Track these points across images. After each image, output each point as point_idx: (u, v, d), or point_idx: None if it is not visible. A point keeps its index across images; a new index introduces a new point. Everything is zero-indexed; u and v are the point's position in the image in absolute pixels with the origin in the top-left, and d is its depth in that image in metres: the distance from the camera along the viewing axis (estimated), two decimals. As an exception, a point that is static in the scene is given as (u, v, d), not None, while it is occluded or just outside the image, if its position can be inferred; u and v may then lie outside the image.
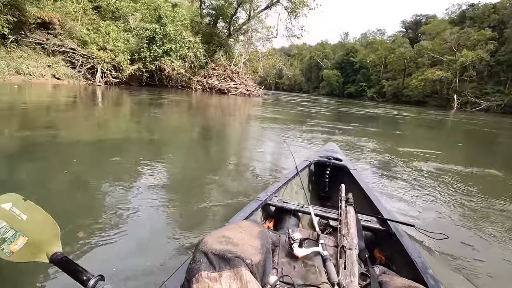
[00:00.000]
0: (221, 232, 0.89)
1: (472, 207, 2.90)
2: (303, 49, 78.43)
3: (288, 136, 6.21)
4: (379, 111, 20.29)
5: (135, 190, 2.53)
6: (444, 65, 46.50)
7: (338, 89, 62.51)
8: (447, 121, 17.71)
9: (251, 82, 23.66)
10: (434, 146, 6.93)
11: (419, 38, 59.27)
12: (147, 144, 4.49)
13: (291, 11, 24.88)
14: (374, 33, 68.85)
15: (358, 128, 9.18)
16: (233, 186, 2.89)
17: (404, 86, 51.28)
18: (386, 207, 1.73)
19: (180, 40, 19.11)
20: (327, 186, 2.44)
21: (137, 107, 9.73)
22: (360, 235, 1.27)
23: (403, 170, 4.12)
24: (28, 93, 9.93)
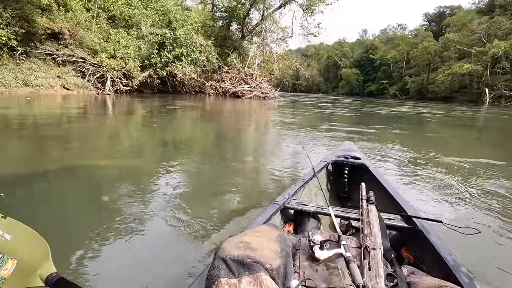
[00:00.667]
0: (239, 238, 0.88)
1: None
2: (320, 48, 76.10)
3: (305, 142, 5.33)
4: (404, 109, 18.35)
5: (153, 197, 2.48)
6: (472, 58, 43.33)
7: (358, 88, 59.86)
8: (483, 117, 15.54)
9: (266, 84, 22.39)
10: (486, 153, 5.37)
11: (444, 31, 55.97)
12: (161, 153, 4.32)
13: (306, 8, 23.42)
14: (394, 28, 65.59)
15: (382, 131, 7.69)
16: (251, 192, 2.76)
17: (429, 82, 48.27)
18: (410, 204, 1.63)
19: (191, 44, 18.23)
20: (347, 186, 2.33)
21: (145, 116, 8.82)
22: (384, 234, 1.20)
23: (465, 197, 2.74)
24: (36, 105, 9.29)
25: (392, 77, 54.89)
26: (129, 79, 16.34)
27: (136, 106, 11.58)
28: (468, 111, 20.30)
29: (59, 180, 2.86)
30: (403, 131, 7.98)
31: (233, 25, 25.79)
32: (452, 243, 1.45)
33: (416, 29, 58.59)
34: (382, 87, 54.95)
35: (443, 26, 56.90)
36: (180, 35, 17.34)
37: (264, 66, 24.85)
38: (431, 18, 59.72)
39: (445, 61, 47.15)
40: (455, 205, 2.60)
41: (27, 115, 7.15)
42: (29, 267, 0.89)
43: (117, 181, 2.87)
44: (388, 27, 66.93)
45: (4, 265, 0.88)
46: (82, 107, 9.72)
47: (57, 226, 1.92)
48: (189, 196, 2.59)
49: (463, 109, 22.56)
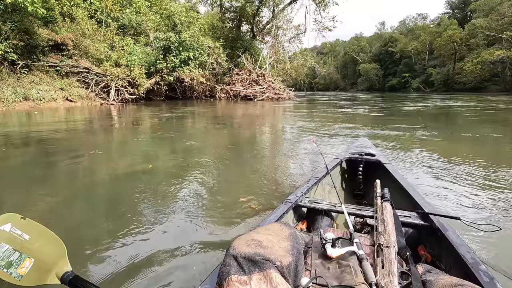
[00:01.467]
0: (250, 236, 0.87)
1: None
2: (336, 45, 72.96)
3: (320, 146, 4.54)
4: (431, 104, 15.99)
5: (171, 199, 2.47)
6: (503, 43, 39.65)
7: (378, 83, 56.48)
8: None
9: (280, 85, 20.71)
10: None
11: (469, 18, 51.85)
12: (172, 160, 3.99)
13: (319, 2, 21.55)
14: (414, 18, 61.16)
15: (410, 134, 5.78)
16: (264, 190, 2.64)
17: (456, 72, 44.73)
18: (427, 201, 1.55)
19: (199, 47, 17.00)
20: (361, 183, 2.23)
21: (146, 126, 7.67)
22: (400, 232, 1.16)
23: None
24: (30, 121, 8.32)
25: (415, 70, 51.34)
26: (135, 87, 15.36)
27: (136, 115, 10.43)
28: (505, 101, 17.62)
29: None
30: (433, 132, 6.06)
31: (243, 26, 24.44)
32: (471, 241, 1.56)
33: (440, 17, 54.38)
34: (404, 80, 51.45)
35: (467, 12, 52.92)
36: (186, 38, 16.15)
37: (277, 65, 23.18)
38: (455, 5, 55.47)
39: (472, 49, 43.69)
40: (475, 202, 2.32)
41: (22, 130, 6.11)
42: (46, 266, 0.91)
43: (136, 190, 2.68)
44: (408, 18, 62.68)
45: (22, 263, 0.92)
46: (76, 120, 8.66)
47: (78, 228, 1.97)
48: (204, 197, 2.53)
49: (497, 99, 19.75)
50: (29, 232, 0.99)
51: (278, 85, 20.30)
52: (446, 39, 45.31)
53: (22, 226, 1.00)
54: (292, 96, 21.33)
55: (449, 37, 45.16)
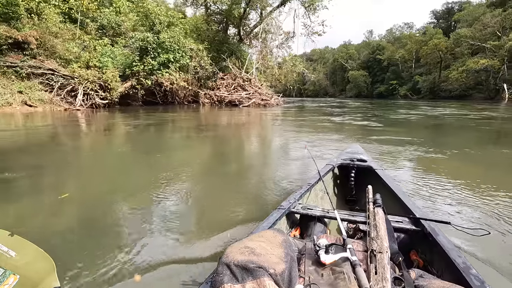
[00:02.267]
0: (243, 243, 0.85)
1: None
2: (326, 52, 72.37)
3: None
4: (422, 112, 14.86)
5: (156, 211, 2.25)
6: (487, 53, 39.98)
7: (367, 90, 55.96)
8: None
9: (267, 90, 19.29)
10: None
11: (453, 27, 52.37)
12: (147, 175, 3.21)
13: (308, 5, 20.37)
14: (401, 27, 61.10)
15: (421, 149, 4.37)
16: (255, 198, 2.50)
17: (442, 80, 44.86)
18: (418, 206, 1.53)
19: (180, 49, 15.46)
20: (354, 189, 2.20)
21: (109, 136, 6.19)
22: (392, 237, 1.15)
23: None
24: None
25: (402, 77, 51.13)
26: (107, 91, 13.66)
27: (102, 123, 8.80)
28: (492, 108, 16.75)
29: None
30: (430, 147, 4.69)
31: (231, 29, 23.06)
32: (461, 245, 1.56)
33: (425, 26, 54.54)
34: (392, 88, 51.10)
35: (451, 22, 53.45)
36: (165, 39, 14.59)
37: (265, 71, 21.79)
38: (439, 15, 55.87)
39: (457, 58, 43.98)
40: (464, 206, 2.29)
41: None
42: (31, 282, 0.90)
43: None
44: (394, 27, 62.69)
45: (6, 280, 0.90)
46: (27, 128, 6.95)
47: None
48: (195, 206, 2.39)
49: (486, 106, 18.95)
50: (16, 249, 0.94)
51: (265, 90, 18.87)
52: (432, 47, 45.34)
53: (9, 242, 0.96)
54: (280, 102, 19.94)
55: (435, 45, 45.20)
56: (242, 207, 2.33)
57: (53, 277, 0.92)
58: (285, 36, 22.98)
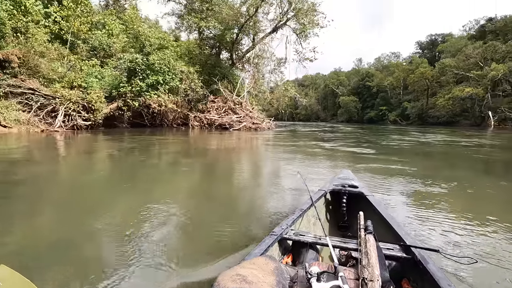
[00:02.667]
0: (234, 270, 0.84)
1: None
2: (317, 78, 73.98)
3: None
4: (415, 138, 14.51)
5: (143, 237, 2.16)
6: (471, 81, 41.47)
7: (357, 115, 56.63)
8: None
9: (258, 114, 18.87)
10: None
11: (437, 58, 54.56)
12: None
13: (299, 33, 20.60)
14: (388, 56, 63.45)
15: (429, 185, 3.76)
16: (248, 225, 2.44)
17: (429, 107, 45.91)
18: (408, 233, 1.53)
19: (170, 71, 15.07)
20: (345, 215, 2.17)
21: (83, 161, 5.61)
22: (383, 265, 1.14)
23: None
24: None
25: (391, 103, 52.07)
26: (90, 112, 12.95)
27: (79, 146, 8.00)
28: (481, 136, 16.65)
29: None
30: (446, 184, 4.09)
31: (224, 54, 23.09)
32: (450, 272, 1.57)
33: (411, 56, 56.66)
34: (382, 113, 51.83)
35: (436, 52, 55.71)
36: (154, 61, 14.20)
37: (257, 94, 21.55)
38: (424, 46, 58.28)
39: (443, 86, 45.37)
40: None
41: None
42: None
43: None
44: (382, 56, 65.07)
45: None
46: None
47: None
48: (187, 232, 2.33)
49: (472, 133, 18.91)
50: (2, 279, 0.93)
51: (257, 114, 18.44)
52: (419, 75, 46.71)
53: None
54: (272, 126, 19.48)
55: (421, 74, 46.59)
56: (232, 235, 2.24)
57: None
58: (277, 62, 23.10)
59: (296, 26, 20.55)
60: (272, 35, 21.00)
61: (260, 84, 22.61)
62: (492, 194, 3.85)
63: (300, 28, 20.25)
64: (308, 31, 20.34)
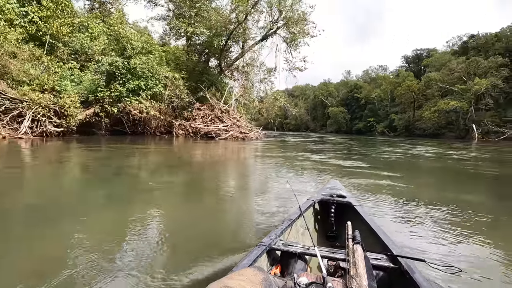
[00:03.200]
0: (222, 282, 0.82)
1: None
2: (307, 89, 74.24)
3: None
4: (405, 150, 13.96)
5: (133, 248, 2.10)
6: (455, 95, 42.28)
7: (346, 126, 56.68)
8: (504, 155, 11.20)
9: (246, 123, 18.02)
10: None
11: (423, 71, 55.71)
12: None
13: (290, 41, 20.11)
14: (376, 69, 64.34)
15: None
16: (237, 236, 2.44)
17: (416, 119, 46.46)
18: (395, 243, 1.54)
19: (153, 76, 14.13)
20: (334, 225, 2.14)
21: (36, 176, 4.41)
22: (370, 275, 1.11)
23: None
24: None
25: (379, 115, 52.41)
26: (63, 117, 11.80)
27: (40, 156, 6.89)
28: (468, 148, 16.24)
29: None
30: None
31: (213, 61, 22.34)
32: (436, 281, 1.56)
33: (398, 69, 57.54)
34: (370, 124, 52.02)
35: (421, 66, 56.80)
36: (136, 65, 13.25)
37: (245, 103, 20.76)
38: (410, 60, 59.37)
39: (429, 99, 46.08)
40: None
41: None
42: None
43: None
44: (370, 68, 65.95)
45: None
46: None
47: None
48: (174, 244, 2.24)
49: (458, 146, 18.70)
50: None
51: (244, 123, 17.58)
52: (406, 88, 47.30)
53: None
54: (260, 136, 18.65)
55: (408, 87, 47.21)
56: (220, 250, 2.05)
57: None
58: (267, 70, 22.50)
59: (287, 35, 20.06)
60: (262, 43, 20.44)
61: (249, 92, 21.89)
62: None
63: (290, 37, 19.76)
64: (298, 40, 19.86)
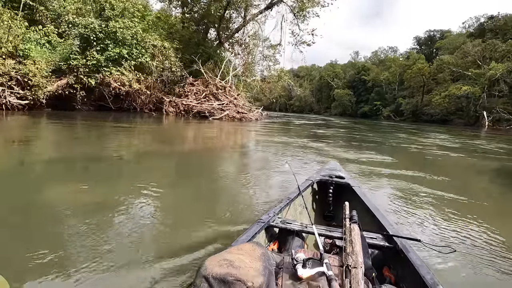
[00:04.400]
0: (221, 255, 0.82)
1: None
2: (312, 70, 70.26)
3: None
4: (420, 138, 11.83)
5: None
6: (467, 80, 39.46)
7: (351, 109, 53.81)
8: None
9: (244, 101, 15.77)
10: None
11: (435, 54, 52.06)
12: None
13: (298, 11, 17.33)
14: (385, 51, 60.07)
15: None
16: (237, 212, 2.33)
17: (424, 104, 43.77)
18: (391, 223, 1.52)
19: (138, 44, 11.85)
20: (331, 205, 2.16)
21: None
22: (366, 253, 1.12)
23: None
24: None
25: (385, 99, 49.50)
26: (27, 88, 9.76)
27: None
28: (484, 137, 14.41)
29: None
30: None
31: (212, 33, 19.71)
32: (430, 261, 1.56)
33: (409, 51, 53.64)
34: (376, 108, 49.28)
35: (433, 49, 53.12)
36: (116, 29, 10.93)
37: (246, 80, 18.34)
38: (422, 42, 55.37)
39: (439, 83, 43.10)
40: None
41: None
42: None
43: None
44: (379, 50, 61.57)
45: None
46: None
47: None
48: (174, 219, 2.19)
49: (471, 134, 16.61)
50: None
51: (243, 101, 15.34)
52: (416, 71, 44.22)
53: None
54: (260, 117, 16.49)
55: (419, 69, 44.12)
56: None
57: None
58: (271, 47, 19.83)
59: (294, 3, 17.25)
60: (266, 12, 17.67)
61: (251, 68, 19.44)
62: None
63: (298, 6, 16.96)
64: (307, 10, 17.08)
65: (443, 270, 1.61)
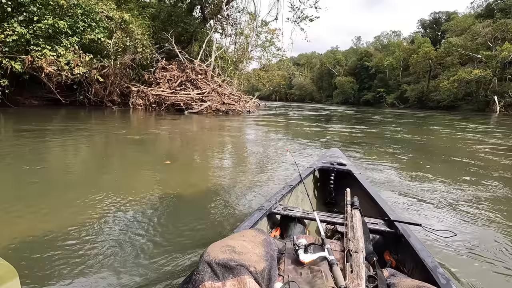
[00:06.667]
0: (224, 242, 0.81)
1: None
2: (313, 57, 65.24)
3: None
4: (427, 127, 8.35)
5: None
6: (476, 63, 35.31)
7: (354, 97, 49.61)
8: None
9: (231, 89, 12.09)
10: None
11: (441, 37, 47.40)
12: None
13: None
14: (388, 35, 54.90)
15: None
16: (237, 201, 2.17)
17: (430, 90, 39.71)
18: (392, 209, 1.49)
19: (87, 16, 8.31)
20: (333, 192, 2.10)
21: None
22: (368, 238, 1.10)
23: None
24: None
25: (389, 85, 45.29)
26: None
27: None
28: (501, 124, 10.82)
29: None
30: None
31: (198, 12, 15.86)
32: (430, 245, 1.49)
33: (415, 34, 48.75)
34: (379, 95, 45.17)
35: (439, 32, 48.33)
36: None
37: (235, 62, 14.58)
38: (427, 24, 50.31)
39: (446, 68, 38.84)
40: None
41: None
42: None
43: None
44: (382, 34, 56.42)
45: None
46: None
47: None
48: (177, 209, 2.03)
49: (485, 121, 13.57)
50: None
51: (229, 90, 11.67)
52: (423, 55, 39.81)
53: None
54: (253, 109, 12.91)
55: (425, 53, 39.69)
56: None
57: (16, 285, 0.79)
58: (265, 22, 16.01)
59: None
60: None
61: (245, 52, 15.69)
62: None
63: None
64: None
65: (443, 254, 1.53)
